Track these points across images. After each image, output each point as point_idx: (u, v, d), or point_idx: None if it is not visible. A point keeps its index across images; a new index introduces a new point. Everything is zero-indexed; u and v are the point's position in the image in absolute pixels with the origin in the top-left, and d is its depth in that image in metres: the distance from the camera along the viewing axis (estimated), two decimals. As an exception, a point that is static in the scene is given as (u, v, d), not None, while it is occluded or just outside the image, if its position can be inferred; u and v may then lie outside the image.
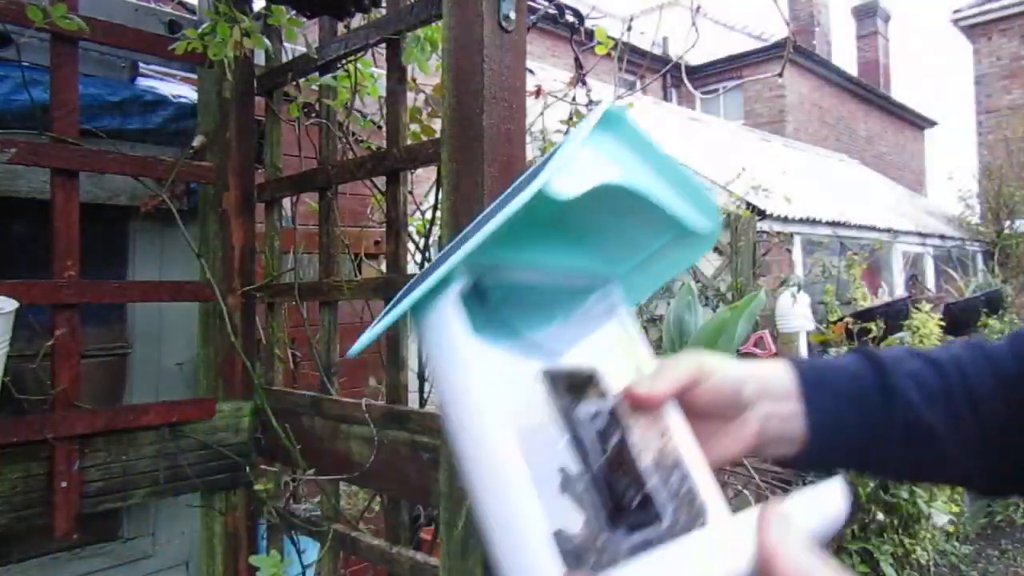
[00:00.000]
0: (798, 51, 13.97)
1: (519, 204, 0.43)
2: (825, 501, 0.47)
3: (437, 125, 1.37)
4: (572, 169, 0.46)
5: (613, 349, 0.61)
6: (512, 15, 1.01)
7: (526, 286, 0.57)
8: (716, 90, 13.87)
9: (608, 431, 0.54)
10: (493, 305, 0.52)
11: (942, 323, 4.66)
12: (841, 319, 4.42)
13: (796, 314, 4.46)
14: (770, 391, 0.60)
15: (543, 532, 0.43)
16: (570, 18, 1.27)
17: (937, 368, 0.60)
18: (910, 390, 0.59)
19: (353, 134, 1.61)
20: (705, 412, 0.60)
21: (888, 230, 6.97)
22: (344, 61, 1.45)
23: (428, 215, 1.53)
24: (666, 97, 14.03)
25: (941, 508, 3.78)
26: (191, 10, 1.82)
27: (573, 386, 0.55)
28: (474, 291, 0.50)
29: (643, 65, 7.23)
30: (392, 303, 0.49)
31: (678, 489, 0.55)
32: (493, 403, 0.47)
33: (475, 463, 0.46)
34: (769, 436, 0.60)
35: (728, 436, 0.60)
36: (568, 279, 0.61)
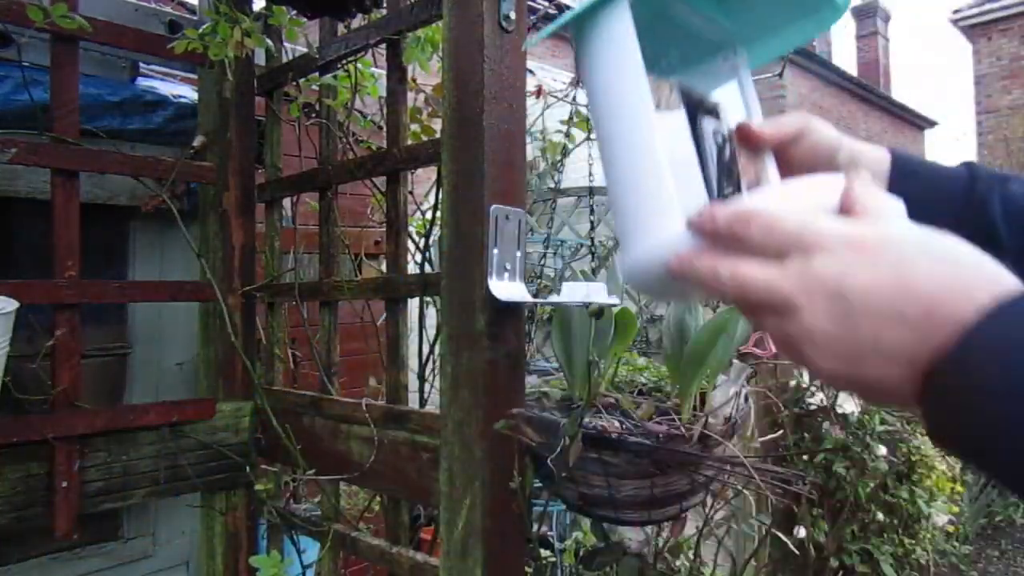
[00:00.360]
0: (798, 51, 13.97)
1: None
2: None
3: (437, 125, 1.37)
4: None
5: (731, 101, 0.69)
6: (512, 15, 1.01)
7: (671, 25, 0.66)
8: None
9: (724, 146, 0.64)
10: (644, 39, 0.59)
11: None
12: (841, 319, 4.40)
13: (796, 314, 4.44)
14: (861, 164, 0.67)
15: (674, 189, 0.53)
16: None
17: None
18: (993, 202, 0.63)
19: (353, 134, 1.61)
20: (798, 167, 0.67)
21: (888, 230, 6.97)
22: (344, 61, 1.45)
23: (428, 215, 1.53)
24: (666, 97, 14.00)
25: (941, 508, 3.78)
26: (191, 10, 1.82)
27: (702, 106, 0.64)
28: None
29: (643, 65, 7.21)
30: (567, 13, 0.57)
31: None
32: (647, 87, 0.55)
33: (625, 136, 0.56)
34: None
35: None
36: (704, 30, 0.68)
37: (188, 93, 1.68)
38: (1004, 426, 0.36)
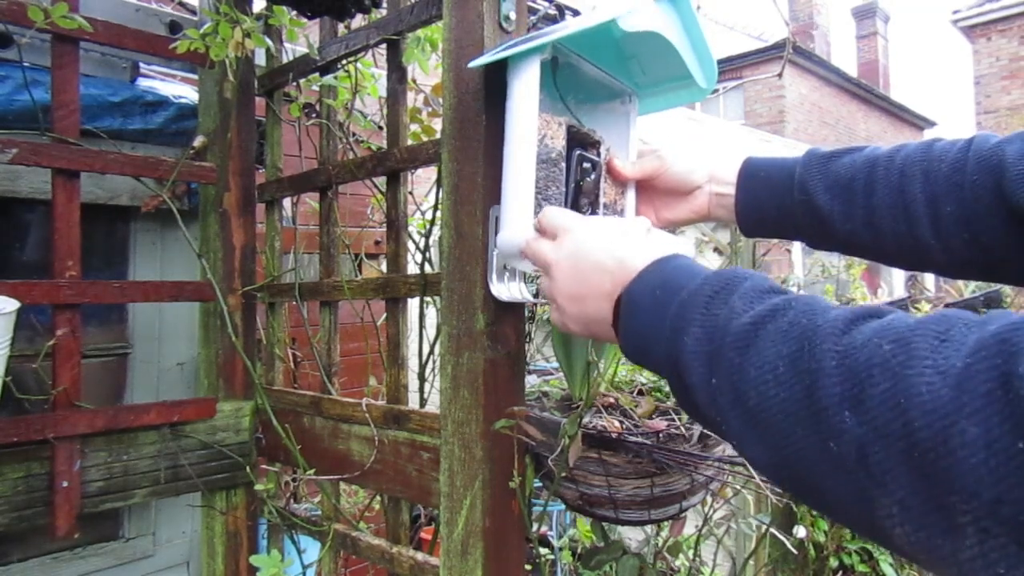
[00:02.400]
0: (798, 52, 13.97)
1: (595, 22, 0.74)
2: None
3: (437, 125, 1.37)
4: (636, 14, 0.77)
5: (619, 130, 0.98)
6: (512, 15, 1.01)
7: (583, 74, 0.92)
8: (716, 90, 13.86)
9: (588, 171, 0.91)
10: (559, 79, 0.90)
11: (941, 323, 4.64)
12: (840, 319, 4.41)
13: (796, 314, 4.47)
14: (717, 177, 0.89)
15: (531, 201, 0.82)
16: (570, 18, 1.27)
17: (857, 165, 0.79)
18: (814, 182, 0.81)
19: (353, 134, 1.61)
20: (666, 190, 0.93)
21: (887, 230, 6.96)
22: (344, 61, 1.45)
23: (428, 215, 1.53)
24: (666, 97, 14.00)
25: (940, 508, 3.78)
26: (192, 11, 1.82)
27: (582, 140, 0.93)
28: (553, 63, 0.88)
29: (643, 65, 7.21)
30: (502, 48, 0.84)
31: None
32: (533, 122, 0.82)
33: (514, 156, 0.83)
34: (715, 208, 0.90)
35: (686, 205, 0.92)
36: (609, 81, 0.95)
37: (188, 93, 1.68)
38: (645, 330, 0.60)
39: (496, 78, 0.97)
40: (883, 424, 0.40)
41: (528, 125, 0.81)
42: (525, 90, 0.82)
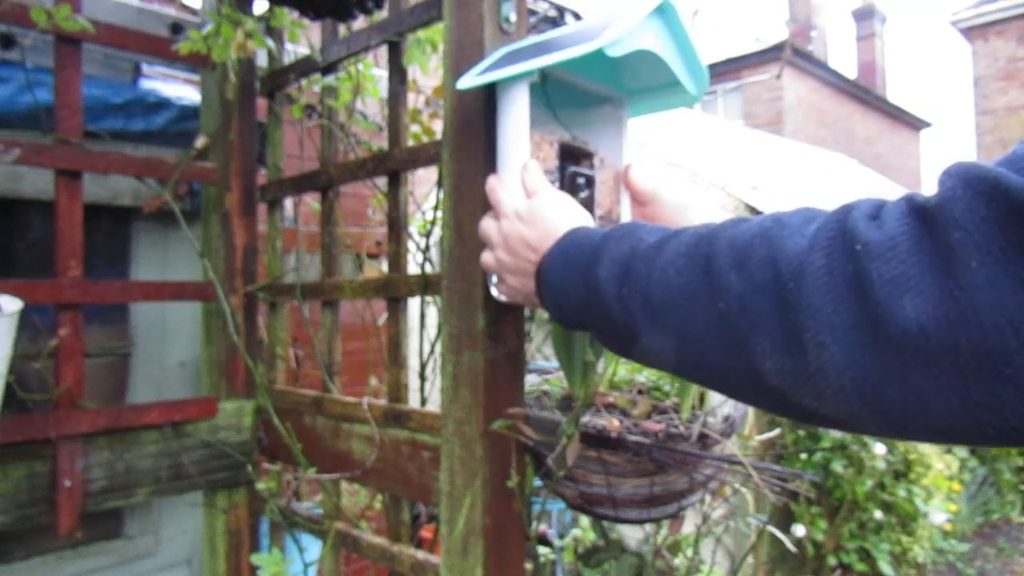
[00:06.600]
0: (796, 53, 14.00)
1: (583, 51, 0.75)
2: None
3: (437, 126, 1.38)
4: (624, 41, 0.78)
5: (611, 136, 1.01)
6: (512, 17, 1.02)
7: (572, 86, 0.94)
8: (715, 91, 13.87)
9: (582, 186, 0.95)
10: (550, 90, 0.91)
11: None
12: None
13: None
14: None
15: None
16: (570, 20, 1.28)
17: None
18: None
19: (355, 135, 1.62)
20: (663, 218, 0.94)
21: (886, 231, 6.96)
22: (346, 63, 1.46)
23: (429, 216, 1.54)
24: (665, 98, 13.99)
25: (938, 507, 3.80)
26: (194, 12, 1.83)
27: (575, 155, 0.96)
28: (542, 76, 0.87)
29: (642, 66, 7.22)
30: (490, 67, 0.86)
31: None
32: (525, 148, 0.86)
33: (505, 172, 0.87)
34: None
35: None
36: (598, 88, 0.98)
37: (190, 94, 1.69)
38: (562, 283, 0.71)
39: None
40: (760, 278, 0.50)
41: (520, 152, 0.84)
42: (514, 115, 0.84)
